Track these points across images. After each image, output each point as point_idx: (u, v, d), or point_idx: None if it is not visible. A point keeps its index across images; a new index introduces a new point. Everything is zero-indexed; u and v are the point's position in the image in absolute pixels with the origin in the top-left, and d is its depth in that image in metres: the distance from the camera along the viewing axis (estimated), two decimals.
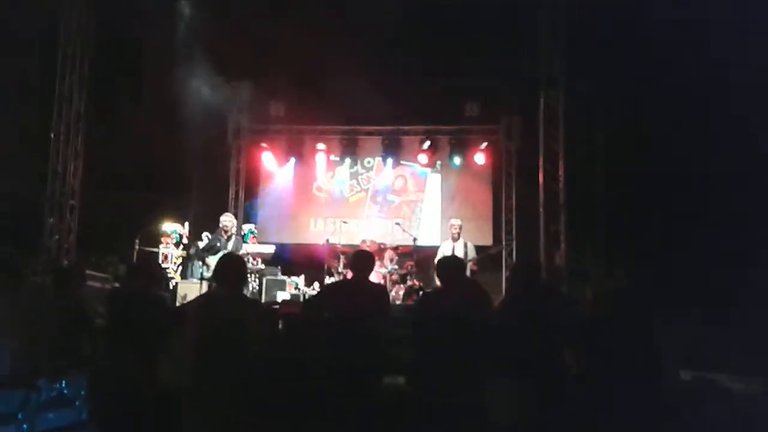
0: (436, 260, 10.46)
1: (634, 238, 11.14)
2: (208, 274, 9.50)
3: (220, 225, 10.14)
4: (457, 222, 10.80)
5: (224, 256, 5.46)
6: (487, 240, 13.91)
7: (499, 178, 14.42)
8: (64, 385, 4.53)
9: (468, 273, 9.74)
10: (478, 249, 11.09)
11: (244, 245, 10.74)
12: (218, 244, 9.91)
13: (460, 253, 9.88)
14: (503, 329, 4.72)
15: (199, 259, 10.32)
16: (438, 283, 9.51)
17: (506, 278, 12.29)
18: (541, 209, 11.08)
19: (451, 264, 5.58)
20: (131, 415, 4.97)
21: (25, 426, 4.33)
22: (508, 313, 4.89)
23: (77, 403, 4.64)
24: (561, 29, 10.74)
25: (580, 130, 11.40)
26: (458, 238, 10.47)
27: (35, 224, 11.12)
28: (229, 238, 10.03)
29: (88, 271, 10.20)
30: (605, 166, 12.00)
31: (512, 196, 14.16)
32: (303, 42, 11.95)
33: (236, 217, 12.73)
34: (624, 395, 4.42)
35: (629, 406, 4.40)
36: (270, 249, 11.21)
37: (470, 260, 10.22)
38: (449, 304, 4.95)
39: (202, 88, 12.09)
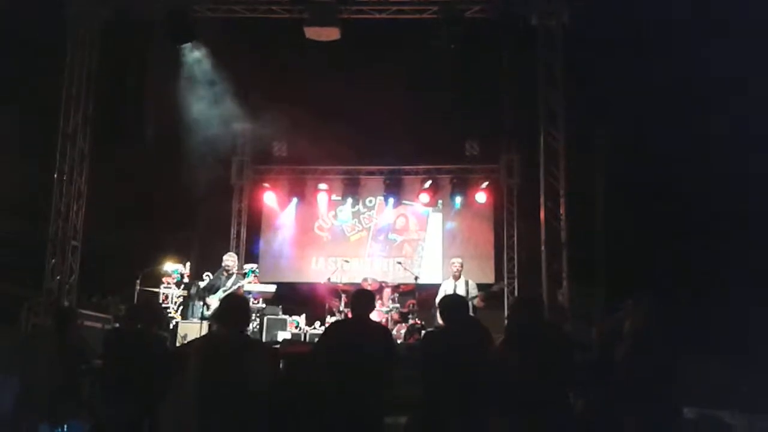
0: (437, 299, 10.45)
1: (634, 275, 11.11)
2: (208, 314, 9.48)
3: (223, 264, 10.14)
4: (458, 260, 10.78)
5: (227, 296, 5.46)
6: (489, 278, 13.87)
7: (500, 216, 14.44)
8: (65, 429, 4.48)
9: (472, 310, 9.69)
10: (480, 287, 11.04)
11: (244, 283, 10.69)
12: (219, 283, 9.90)
13: (461, 292, 9.83)
14: (503, 368, 4.67)
15: (199, 299, 10.29)
16: (440, 321, 9.50)
17: (507, 316, 12.21)
18: (542, 247, 11.04)
19: (454, 303, 5.56)
20: None
21: None
22: (507, 352, 4.85)
23: None
24: (559, 67, 10.85)
25: (581, 167, 11.43)
26: (459, 277, 10.45)
27: (36, 264, 11.10)
28: (229, 277, 10.02)
29: (88, 312, 10.22)
30: (607, 203, 12.02)
31: (514, 235, 14.17)
32: (305, 83, 12.10)
33: (238, 257, 12.74)
34: None
35: None
36: (271, 288, 11.18)
37: (476, 297, 10.14)
38: (452, 344, 4.93)
39: (205, 129, 12.20)
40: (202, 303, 10.01)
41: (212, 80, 12.13)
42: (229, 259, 10.24)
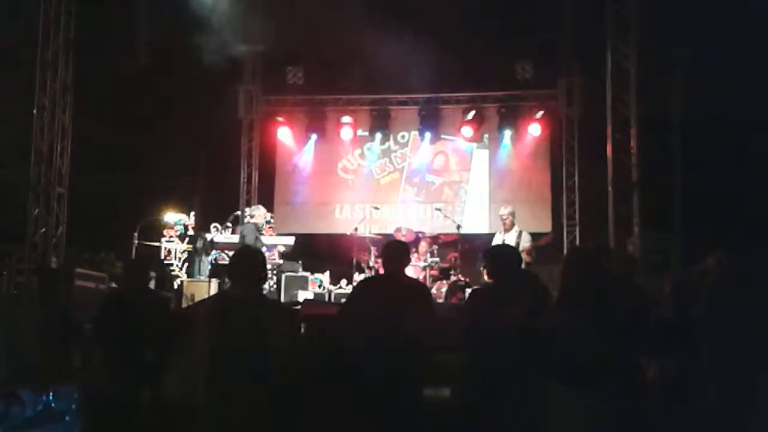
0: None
1: (719, 221, 10.97)
2: None
3: (252, 221, 10.13)
4: (506, 210, 10.25)
5: (240, 249, 5.49)
6: (546, 227, 13.83)
7: (558, 152, 14.31)
8: (51, 397, 4.58)
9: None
10: (535, 238, 10.93)
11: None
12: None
13: (512, 244, 9.65)
14: (562, 331, 4.65)
15: (207, 254, 10.42)
16: (486, 278, 9.48)
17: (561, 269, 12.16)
18: (609, 188, 10.96)
19: (503, 255, 5.54)
20: None
21: None
22: (566, 311, 4.82)
23: (67, 418, 4.70)
24: None
25: (657, 93, 11.21)
26: (511, 228, 10.11)
27: (18, 215, 11.28)
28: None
29: (80, 270, 10.43)
30: (686, 136, 11.81)
31: (575, 174, 14.05)
32: None
33: (248, 204, 12.83)
34: (719, 413, 4.35)
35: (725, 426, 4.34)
36: (289, 241, 11.26)
37: (522, 249, 9.87)
38: (502, 303, 4.92)
39: (208, 53, 12.13)
40: (211, 259, 10.14)
41: None
42: (257, 213, 10.22)
